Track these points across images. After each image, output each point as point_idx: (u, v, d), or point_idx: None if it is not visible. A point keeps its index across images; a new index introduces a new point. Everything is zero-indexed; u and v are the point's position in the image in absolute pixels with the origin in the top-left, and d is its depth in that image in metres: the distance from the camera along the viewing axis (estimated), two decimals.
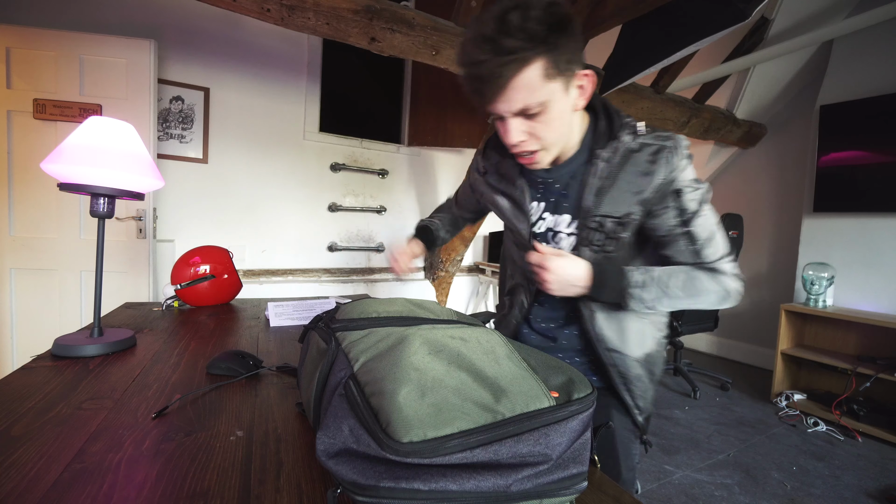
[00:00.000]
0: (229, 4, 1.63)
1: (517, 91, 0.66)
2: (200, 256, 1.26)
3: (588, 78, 0.71)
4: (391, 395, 0.38)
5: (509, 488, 0.36)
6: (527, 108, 0.68)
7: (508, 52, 0.63)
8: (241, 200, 2.73)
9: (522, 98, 0.67)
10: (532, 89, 0.66)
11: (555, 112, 0.70)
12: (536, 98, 0.67)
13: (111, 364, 0.77)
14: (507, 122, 0.71)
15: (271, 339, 0.99)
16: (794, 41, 2.35)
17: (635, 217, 0.76)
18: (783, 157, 3.28)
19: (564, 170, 0.82)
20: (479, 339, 0.50)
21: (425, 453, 0.34)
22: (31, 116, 2.05)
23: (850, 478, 1.84)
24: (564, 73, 0.67)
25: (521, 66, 0.64)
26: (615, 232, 0.77)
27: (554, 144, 0.75)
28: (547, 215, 0.85)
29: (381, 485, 0.35)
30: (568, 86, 0.70)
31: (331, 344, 0.49)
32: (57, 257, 2.14)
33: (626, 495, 0.46)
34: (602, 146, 0.77)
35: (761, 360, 3.32)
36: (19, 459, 0.46)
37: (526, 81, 0.65)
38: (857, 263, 2.62)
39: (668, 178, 0.74)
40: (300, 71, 2.85)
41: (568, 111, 0.72)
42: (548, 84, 0.66)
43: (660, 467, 1.86)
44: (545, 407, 0.39)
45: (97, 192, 0.81)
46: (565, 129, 0.74)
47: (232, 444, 0.52)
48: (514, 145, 0.74)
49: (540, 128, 0.71)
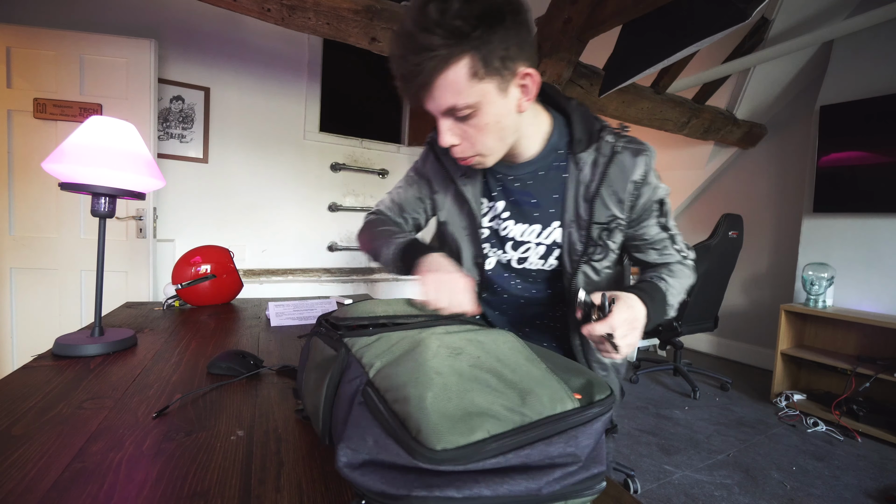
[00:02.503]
0: (230, 4, 1.64)
1: (441, 90, 0.59)
2: (201, 256, 1.26)
3: (531, 77, 0.63)
4: (418, 400, 0.36)
5: (540, 491, 0.36)
6: (454, 109, 0.61)
7: (426, 50, 0.56)
8: (241, 200, 2.73)
9: (448, 98, 0.60)
10: (458, 90, 0.59)
11: (489, 115, 0.63)
12: (464, 100, 0.60)
13: (112, 364, 0.77)
14: (439, 121, 0.65)
15: (272, 338, 0.99)
16: (794, 42, 2.35)
17: (621, 221, 0.75)
18: (783, 157, 3.28)
19: (525, 170, 0.77)
20: (495, 340, 0.49)
21: (460, 460, 0.33)
22: (31, 116, 2.05)
23: (850, 478, 1.84)
24: (499, 72, 0.59)
25: (442, 66, 0.57)
26: (601, 238, 0.75)
27: (492, 151, 0.68)
28: (510, 224, 0.80)
29: (413, 494, 0.33)
30: (505, 86, 0.62)
31: (340, 350, 0.48)
32: (57, 257, 2.14)
33: (626, 495, 0.46)
34: (582, 149, 0.73)
35: (761, 361, 3.32)
36: (20, 459, 0.46)
37: (450, 81, 0.58)
38: (857, 264, 2.62)
39: (647, 182, 0.73)
40: (300, 71, 2.85)
41: (507, 114, 0.65)
42: (477, 85, 0.59)
43: (659, 467, 1.86)
44: (571, 409, 0.39)
45: (98, 191, 0.81)
46: (507, 134, 0.67)
47: (232, 444, 0.52)
48: (446, 148, 0.68)
49: (473, 132, 0.64)
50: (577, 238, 0.76)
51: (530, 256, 0.81)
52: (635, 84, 2.58)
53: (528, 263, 0.82)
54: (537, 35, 2.23)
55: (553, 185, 0.77)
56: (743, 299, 3.49)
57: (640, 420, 2.33)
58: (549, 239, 0.79)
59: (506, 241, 0.82)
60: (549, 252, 0.80)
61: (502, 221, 0.81)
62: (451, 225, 0.86)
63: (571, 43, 2.11)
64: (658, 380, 2.98)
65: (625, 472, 1.72)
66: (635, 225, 0.78)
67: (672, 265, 0.81)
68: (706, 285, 2.65)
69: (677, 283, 0.78)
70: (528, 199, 0.78)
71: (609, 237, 0.76)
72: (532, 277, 0.84)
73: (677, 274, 0.79)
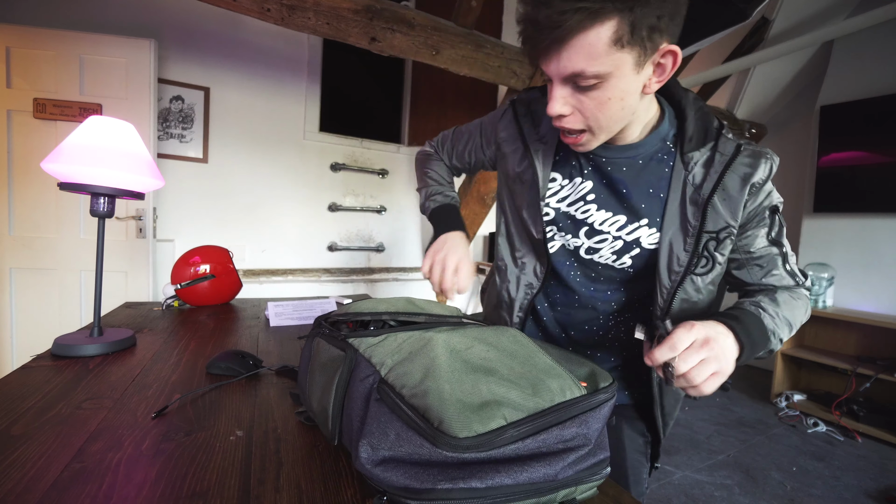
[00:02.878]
0: (229, 4, 1.64)
1: (574, 51, 0.52)
2: (200, 256, 1.26)
3: (672, 56, 0.56)
4: (437, 393, 0.38)
5: (556, 477, 0.38)
6: (580, 75, 0.54)
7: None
8: (241, 200, 2.73)
9: (578, 62, 0.52)
10: (593, 54, 0.52)
11: (615, 90, 0.55)
12: (596, 67, 0.52)
13: (111, 364, 0.77)
14: (554, 86, 0.57)
15: (271, 338, 0.99)
16: (794, 42, 2.35)
17: (732, 231, 0.64)
18: (783, 157, 3.28)
19: (622, 154, 0.67)
20: (500, 337, 0.51)
21: (482, 447, 0.35)
22: (31, 116, 2.04)
23: (850, 478, 1.84)
24: (642, 42, 0.52)
25: (587, 22, 0.50)
26: (707, 249, 0.64)
27: (604, 130, 0.60)
28: (592, 208, 0.70)
29: (438, 487, 0.35)
30: (643, 60, 0.54)
31: (347, 351, 0.48)
32: (57, 257, 2.14)
33: (626, 495, 0.46)
34: (694, 148, 0.64)
35: (761, 361, 3.32)
36: (19, 459, 0.46)
37: (588, 42, 0.51)
38: (857, 264, 2.62)
39: (762, 188, 0.64)
40: (300, 71, 2.84)
41: (633, 92, 0.57)
42: (615, 53, 0.52)
43: (660, 467, 1.86)
44: (580, 395, 0.42)
45: (97, 191, 0.81)
46: (624, 115, 0.59)
47: (232, 444, 0.52)
48: (554, 117, 0.60)
49: (590, 105, 0.57)
50: (682, 247, 0.65)
51: (603, 249, 0.71)
52: None
53: (598, 256, 0.71)
54: None
55: (651, 178, 0.67)
56: None
57: None
58: (630, 236, 0.68)
59: (581, 226, 0.72)
60: (625, 250, 0.69)
61: (585, 203, 0.71)
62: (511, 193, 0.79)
63: None
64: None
65: None
66: (739, 234, 0.66)
67: (779, 291, 0.67)
68: None
69: (781, 310, 0.63)
70: (619, 187, 0.68)
71: (717, 248, 0.64)
72: (597, 273, 0.73)
73: (783, 302, 0.64)
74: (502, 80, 2.25)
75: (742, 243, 0.67)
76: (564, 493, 0.39)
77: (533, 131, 0.75)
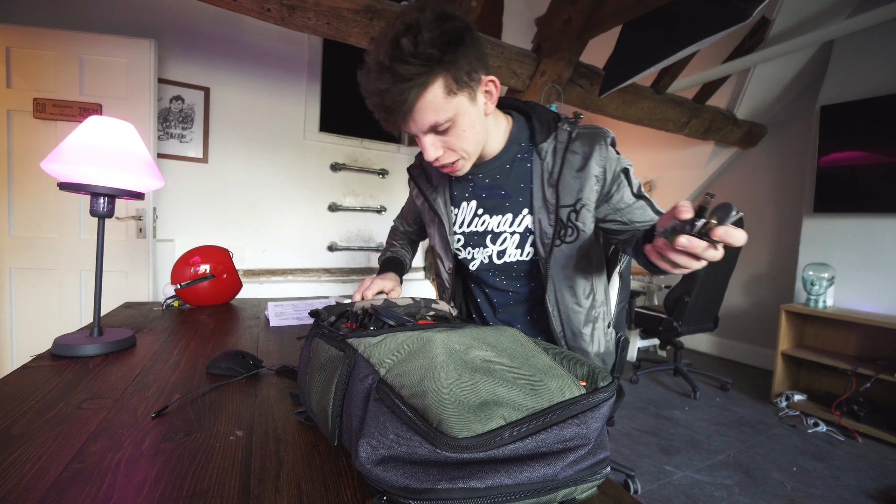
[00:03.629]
0: (229, 4, 1.64)
1: (423, 112, 0.67)
2: (200, 256, 1.26)
3: (492, 83, 0.73)
4: (436, 393, 0.38)
5: (556, 476, 0.38)
6: (436, 126, 0.70)
7: (406, 79, 0.63)
8: (241, 200, 2.73)
9: (430, 117, 0.68)
10: (437, 108, 0.67)
11: (465, 123, 0.72)
12: (443, 115, 0.68)
13: (111, 364, 0.77)
14: (422, 139, 0.73)
15: (271, 338, 0.99)
16: (794, 41, 2.35)
17: (585, 202, 0.79)
18: (783, 157, 3.28)
19: (492, 166, 0.85)
20: (499, 337, 0.51)
21: (481, 447, 0.35)
22: (30, 116, 2.05)
23: (850, 478, 1.84)
24: (467, 85, 0.68)
25: (421, 90, 0.65)
26: (570, 220, 0.80)
27: (472, 152, 0.77)
28: (486, 217, 0.87)
29: (437, 487, 0.35)
30: (474, 96, 0.71)
31: (346, 351, 0.49)
32: (56, 257, 2.14)
33: (626, 495, 0.46)
34: (542, 140, 0.81)
35: (761, 361, 3.32)
36: (19, 459, 0.46)
37: (429, 102, 0.66)
38: (857, 264, 2.62)
39: (607, 157, 0.78)
40: (300, 71, 2.85)
41: (479, 119, 0.74)
42: (452, 100, 0.68)
43: (660, 468, 1.86)
44: (579, 395, 0.41)
45: (97, 191, 0.81)
46: (480, 136, 0.76)
47: (232, 444, 0.52)
48: (432, 161, 0.76)
49: (454, 140, 0.73)
50: (547, 222, 0.81)
51: (508, 247, 0.86)
52: (635, 84, 2.58)
53: (508, 256, 0.87)
54: (537, 35, 2.23)
55: (519, 175, 0.84)
56: (743, 299, 3.49)
57: (640, 420, 2.32)
58: (521, 226, 0.84)
59: (486, 236, 0.88)
60: (523, 240, 0.85)
61: (478, 217, 0.88)
62: (432, 237, 0.98)
63: (571, 43, 2.11)
64: (658, 380, 2.98)
65: (625, 473, 1.72)
66: (610, 197, 0.81)
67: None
68: (706, 285, 2.65)
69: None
70: (498, 192, 0.86)
71: (577, 218, 0.80)
72: (514, 272, 0.89)
73: None
74: (502, 80, 2.25)
75: (615, 200, 0.81)
76: (564, 492, 0.39)
77: (428, 186, 0.94)
